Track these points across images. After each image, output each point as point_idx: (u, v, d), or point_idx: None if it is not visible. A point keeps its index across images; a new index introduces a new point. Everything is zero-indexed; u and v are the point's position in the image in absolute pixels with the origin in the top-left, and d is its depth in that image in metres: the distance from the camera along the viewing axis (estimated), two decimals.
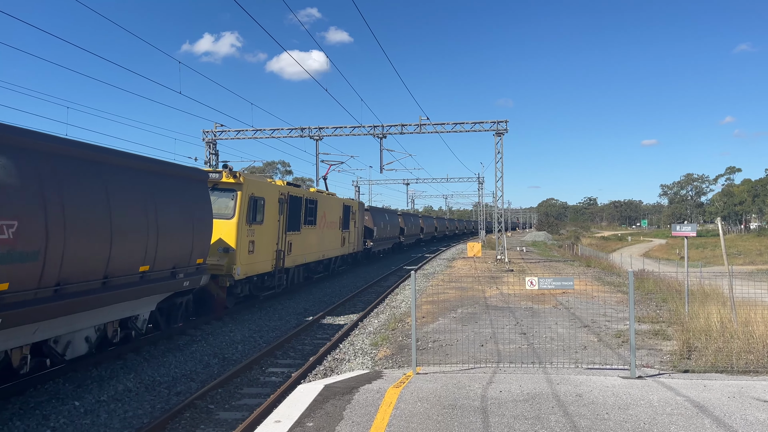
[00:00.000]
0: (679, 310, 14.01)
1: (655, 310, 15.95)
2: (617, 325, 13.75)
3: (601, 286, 22.13)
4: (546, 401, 7.63)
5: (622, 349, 11.15)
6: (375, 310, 19.12)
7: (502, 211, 41.04)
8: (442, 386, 8.38)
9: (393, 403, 7.60)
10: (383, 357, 11.54)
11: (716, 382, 8.57)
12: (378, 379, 8.98)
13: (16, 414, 8.74)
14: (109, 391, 9.93)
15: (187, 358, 12.39)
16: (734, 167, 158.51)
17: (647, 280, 22.67)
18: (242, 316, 17.46)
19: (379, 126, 35.32)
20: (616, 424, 6.77)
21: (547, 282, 9.53)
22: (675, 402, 7.58)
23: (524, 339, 12.19)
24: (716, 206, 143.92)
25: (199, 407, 9.25)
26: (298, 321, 17.09)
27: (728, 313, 11.30)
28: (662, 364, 9.97)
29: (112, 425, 8.47)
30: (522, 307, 16.61)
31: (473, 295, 19.68)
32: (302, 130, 35.71)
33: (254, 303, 19.54)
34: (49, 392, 9.77)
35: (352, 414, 7.22)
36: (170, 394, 9.99)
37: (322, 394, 8.11)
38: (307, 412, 7.36)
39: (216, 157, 35.88)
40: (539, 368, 9.50)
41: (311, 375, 11.18)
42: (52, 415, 8.72)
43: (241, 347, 13.58)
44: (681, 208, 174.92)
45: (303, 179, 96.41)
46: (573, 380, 8.67)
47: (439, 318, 15.22)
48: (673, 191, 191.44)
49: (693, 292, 14.97)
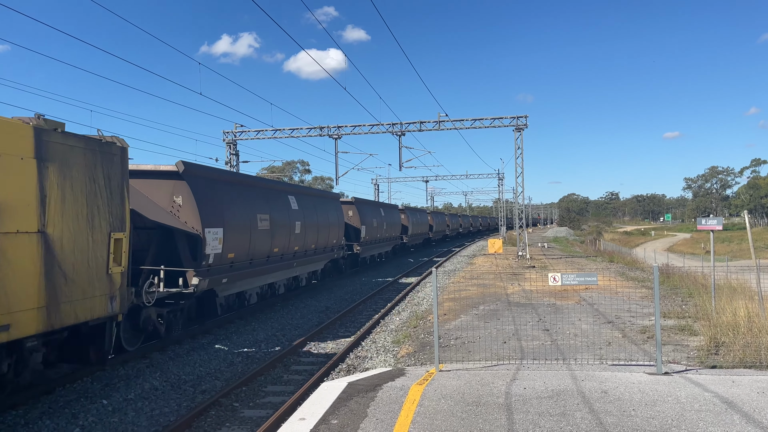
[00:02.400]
0: (706, 305, 13.79)
1: (681, 306, 15.73)
2: (642, 320, 13.59)
3: (625, 282, 21.88)
4: (571, 398, 7.57)
5: (647, 345, 11.01)
6: (396, 307, 19.14)
7: (522, 207, 40.76)
8: (465, 383, 8.35)
9: (417, 400, 7.60)
10: (405, 354, 11.54)
11: (745, 378, 8.43)
12: (401, 376, 8.98)
13: (46, 413, 8.90)
14: (136, 389, 10.07)
15: (212, 356, 12.52)
16: (760, 159, 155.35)
17: (672, 275, 22.37)
18: (265, 315, 17.58)
19: (398, 123, 35.29)
20: (643, 421, 6.69)
21: (570, 278, 9.45)
22: (703, 398, 7.47)
23: (547, 335, 12.10)
24: (742, 199, 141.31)
25: (224, 405, 9.34)
26: (320, 319, 17.18)
27: (756, 308, 11.10)
28: (689, 359, 9.83)
29: (139, 423, 8.59)
30: (544, 304, 16.49)
31: (495, 292, 19.58)
32: (321, 129, 35.83)
33: (275, 302, 19.76)
34: (78, 391, 9.94)
35: (376, 411, 7.23)
36: (195, 393, 10.11)
37: (345, 392, 8.14)
38: (331, 410, 7.39)
39: (236, 157, 36.15)
40: (563, 365, 9.42)
41: (334, 372, 11.22)
42: (80, 413, 8.86)
43: (264, 346, 13.68)
44: (706, 202, 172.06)
45: (323, 178, 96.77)
46: (598, 376, 8.59)
47: (461, 315, 15.17)
48: (698, 184, 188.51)
49: (719, 287, 14.72)
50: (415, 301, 20.12)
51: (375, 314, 17.74)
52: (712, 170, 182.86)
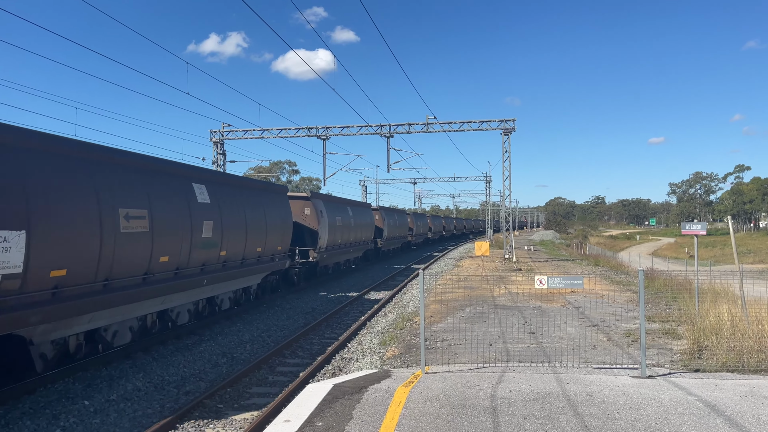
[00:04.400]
0: (690, 309, 13.91)
1: (665, 309, 15.85)
2: (627, 324, 13.67)
3: (610, 285, 22.02)
4: (556, 401, 7.58)
5: (632, 348, 11.08)
6: (383, 309, 19.10)
7: (509, 210, 40.93)
8: (451, 386, 8.35)
9: (402, 402, 7.58)
10: (392, 356, 11.52)
11: (728, 382, 8.50)
12: (387, 378, 8.96)
13: (27, 413, 8.78)
14: (118, 390, 9.96)
15: (196, 357, 12.42)
16: (743, 165, 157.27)
17: (657, 279, 22.55)
18: (251, 316, 17.47)
19: (387, 125, 35.30)
20: (627, 424, 6.72)
21: (556, 281, 9.49)
22: (686, 401, 7.52)
23: (533, 338, 12.14)
24: (725, 205, 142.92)
25: (209, 407, 9.26)
26: (306, 320, 17.10)
27: (739, 312, 11.21)
28: (673, 363, 9.90)
29: (121, 425, 8.49)
30: (530, 306, 16.55)
31: (481, 294, 19.62)
32: (309, 129, 35.74)
33: (263, 302, 19.55)
34: (59, 391, 9.81)
35: (362, 413, 7.20)
36: (179, 394, 10.01)
37: (331, 394, 8.10)
38: (316, 412, 7.35)
39: (224, 156, 35.96)
40: (549, 368, 9.45)
41: (320, 374, 11.18)
42: (62, 414, 8.75)
43: (249, 347, 13.59)
44: (690, 207, 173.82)
45: (310, 179, 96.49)
46: (583, 380, 8.62)
47: (447, 317, 15.18)
48: (682, 189, 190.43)
49: (703, 291, 14.86)
50: (402, 303, 20.11)
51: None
52: (696, 176, 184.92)
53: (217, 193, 15.23)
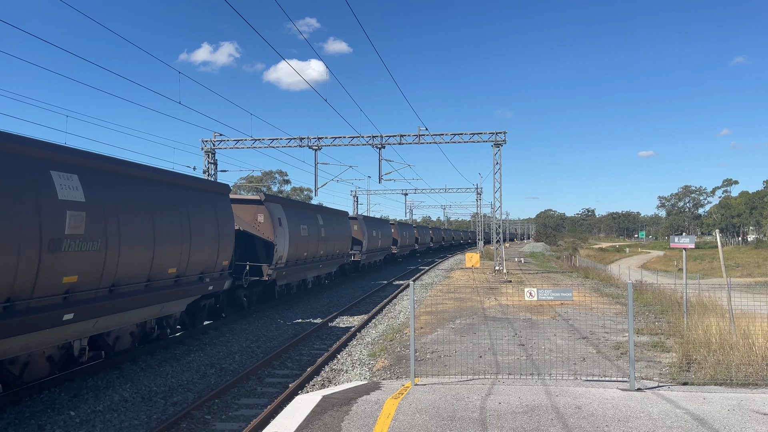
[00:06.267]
0: (678, 322, 13.98)
1: (654, 322, 15.92)
2: (616, 336, 13.71)
3: (600, 298, 22.09)
4: (545, 413, 7.58)
5: (621, 360, 11.11)
6: (373, 320, 19.05)
7: (500, 222, 41.06)
8: (440, 398, 8.33)
9: (391, 414, 7.55)
10: (381, 368, 11.48)
11: (716, 395, 8.54)
12: (376, 390, 8.93)
13: (12, 423, 8.67)
14: (105, 401, 9.86)
15: (184, 368, 12.32)
16: (731, 179, 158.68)
17: (646, 291, 22.65)
18: (239, 326, 17.38)
19: (378, 136, 35.39)
20: None
21: (546, 293, 9.51)
22: (674, 415, 7.54)
23: (523, 350, 12.15)
24: (713, 218, 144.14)
25: (196, 418, 9.18)
26: (296, 331, 17.02)
27: (727, 325, 11.28)
28: (661, 376, 9.93)
29: None
30: (520, 319, 16.57)
31: (471, 306, 19.63)
32: (301, 140, 35.76)
33: (251, 312, 19.43)
34: (45, 402, 9.70)
35: (351, 425, 7.17)
36: (167, 405, 9.92)
37: (320, 405, 8.06)
38: (305, 423, 7.30)
39: (215, 166, 35.88)
40: (538, 380, 9.46)
41: (309, 386, 11.12)
42: (47, 425, 8.65)
43: (238, 357, 13.51)
44: (679, 220, 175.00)
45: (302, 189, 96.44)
46: (572, 392, 8.63)
47: (437, 329, 15.17)
48: (671, 203, 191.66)
49: (692, 304, 14.94)
50: (392, 314, 20.07)
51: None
52: (685, 189, 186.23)
53: (100, 187, 10.48)
